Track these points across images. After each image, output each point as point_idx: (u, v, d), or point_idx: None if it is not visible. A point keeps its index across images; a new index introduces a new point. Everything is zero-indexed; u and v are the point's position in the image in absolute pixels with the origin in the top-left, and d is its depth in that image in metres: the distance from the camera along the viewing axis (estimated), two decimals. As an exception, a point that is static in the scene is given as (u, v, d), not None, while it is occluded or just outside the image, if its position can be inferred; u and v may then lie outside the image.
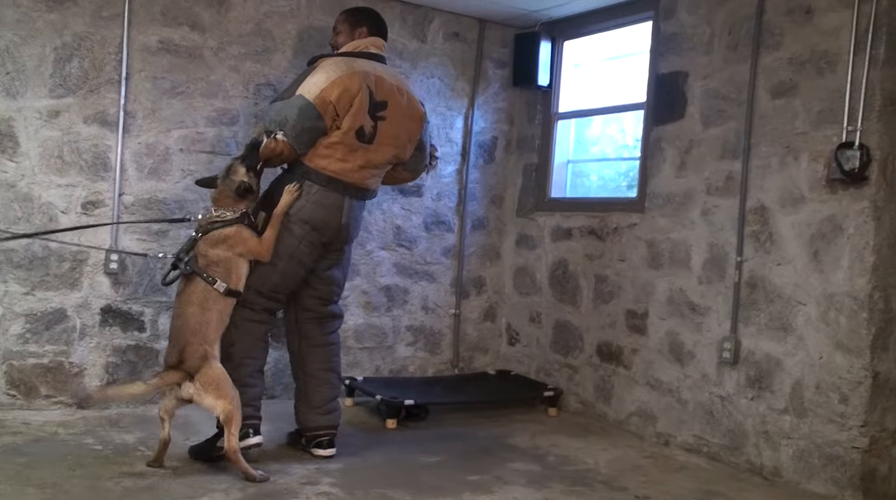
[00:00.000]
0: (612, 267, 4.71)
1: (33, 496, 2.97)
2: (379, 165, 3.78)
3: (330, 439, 3.77)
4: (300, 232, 3.64)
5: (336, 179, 3.65)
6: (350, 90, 3.57)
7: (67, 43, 4.14)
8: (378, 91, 3.68)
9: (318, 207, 3.64)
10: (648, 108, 4.56)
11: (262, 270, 3.60)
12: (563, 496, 3.39)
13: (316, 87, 3.54)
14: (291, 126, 3.51)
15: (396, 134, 3.77)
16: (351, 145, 3.63)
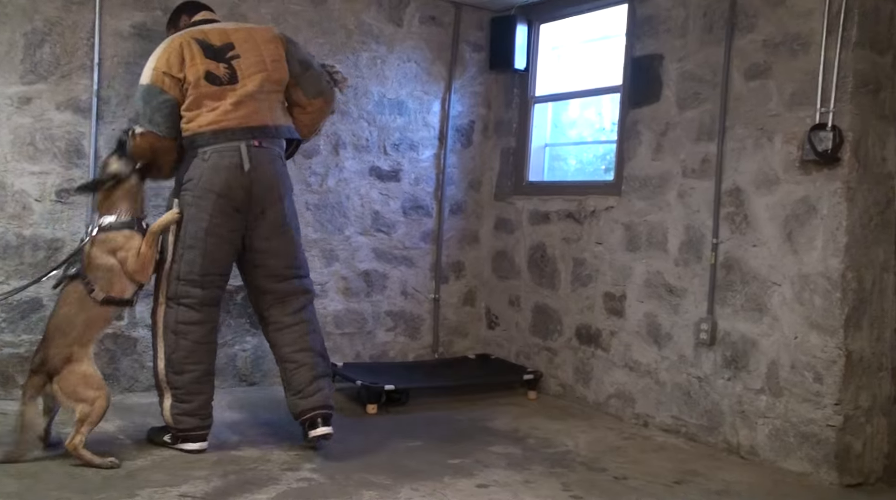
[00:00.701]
0: (589, 250, 4.73)
1: (12, 486, 2.95)
2: (255, 94, 3.53)
3: (323, 416, 3.59)
4: (207, 204, 3.46)
5: (219, 129, 3.46)
6: (174, 52, 3.46)
7: (38, 28, 4.08)
8: (214, 38, 3.55)
9: (215, 170, 3.45)
10: (625, 91, 4.57)
11: (187, 256, 3.47)
12: (543, 477, 3.42)
13: (149, 69, 3.47)
14: (143, 114, 3.47)
15: (257, 61, 3.57)
16: (210, 93, 3.48)
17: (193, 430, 3.51)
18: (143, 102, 3.46)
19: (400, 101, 5.16)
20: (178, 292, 3.50)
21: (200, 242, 3.48)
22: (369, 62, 5.02)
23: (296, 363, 3.64)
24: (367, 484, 3.21)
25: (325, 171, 4.93)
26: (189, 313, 3.51)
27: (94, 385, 3.29)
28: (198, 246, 3.48)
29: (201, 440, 3.54)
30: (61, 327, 3.29)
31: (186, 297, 3.50)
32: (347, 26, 4.92)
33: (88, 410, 3.24)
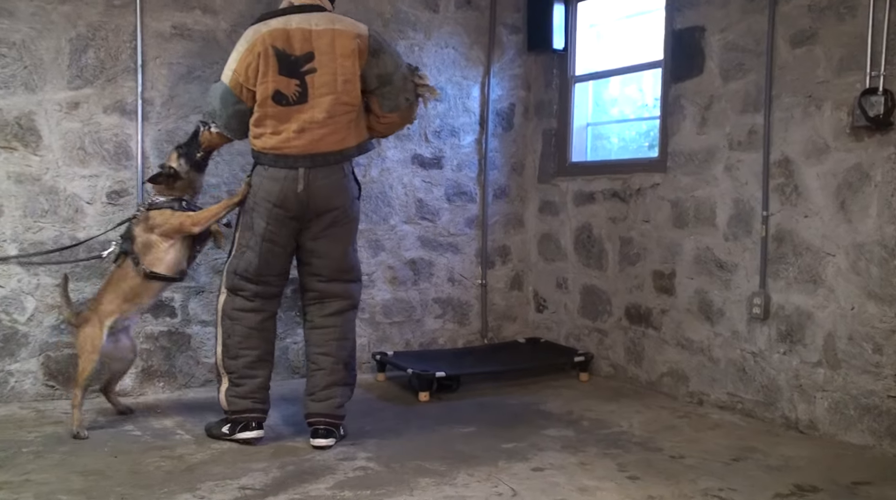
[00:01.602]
0: (636, 229, 4.68)
1: (78, 483, 3.03)
2: (323, 121, 3.47)
3: (326, 428, 3.59)
4: (265, 212, 3.53)
5: (280, 154, 3.48)
6: (252, 62, 3.42)
7: (82, 34, 4.15)
8: (296, 44, 3.43)
9: (272, 182, 3.50)
10: (666, 65, 4.50)
11: (246, 255, 3.57)
12: (598, 459, 3.40)
13: (229, 69, 3.49)
14: (220, 116, 3.58)
15: (330, 79, 3.45)
16: (275, 113, 3.45)
17: (245, 412, 3.57)
18: (221, 104, 3.53)
19: (439, 87, 5.11)
20: (235, 285, 3.61)
21: (257, 245, 3.57)
22: (407, 50, 5.01)
23: (316, 365, 3.67)
24: (422, 471, 3.23)
25: (368, 161, 4.95)
26: (244, 302, 3.61)
27: (88, 349, 3.67)
28: (254, 249, 3.57)
29: (257, 426, 3.59)
30: (97, 295, 3.78)
31: (242, 290, 3.61)
32: (384, 15, 4.92)
33: (79, 370, 3.68)
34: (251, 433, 3.57)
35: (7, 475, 3.09)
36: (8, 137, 4.04)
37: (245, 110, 3.52)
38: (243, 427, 3.57)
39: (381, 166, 4.99)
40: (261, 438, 3.59)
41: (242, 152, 4.57)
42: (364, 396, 4.45)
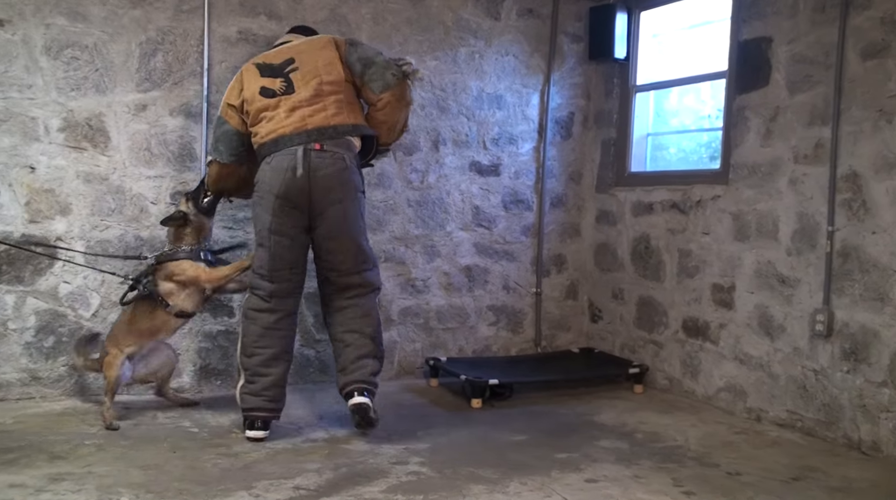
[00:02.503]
0: (696, 241, 4.62)
1: (137, 477, 3.09)
2: (311, 99, 3.66)
3: (359, 388, 3.69)
4: (269, 204, 3.63)
5: (277, 137, 3.64)
6: (235, 82, 3.80)
7: (151, 38, 4.26)
8: (273, 58, 3.79)
9: (274, 172, 3.61)
10: (731, 76, 4.43)
11: (258, 252, 3.73)
12: (653, 472, 3.36)
13: (224, 99, 3.84)
14: (211, 144, 3.85)
15: (311, 68, 3.71)
16: (265, 105, 3.69)
17: (255, 410, 3.66)
18: (213, 132, 3.86)
19: (499, 95, 5.15)
20: (253, 283, 3.76)
21: (266, 240, 3.69)
22: (467, 57, 5.02)
23: (343, 343, 3.79)
24: (475, 478, 3.23)
25: (426, 167, 4.97)
26: (259, 301, 3.73)
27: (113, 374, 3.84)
28: (265, 244, 3.70)
29: (262, 426, 3.66)
30: (113, 329, 3.97)
31: (258, 288, 3.74)
32: (445, 22, 4.94)
33: (107, 386, 3.83)
34: (255, 433, 3.65)
35: (70, 467, 3.17)
36: (78, 138, 4.16)
37: (229, 131, 3.78)
38: (249, 426, 3.67)
39: (438, 173, 5.01)
40: (263, 439, 3.64)
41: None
42: (416, 401, 4.47)
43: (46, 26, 4.05)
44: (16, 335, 4.10)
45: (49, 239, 4.12)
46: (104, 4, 4.14)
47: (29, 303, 4.11)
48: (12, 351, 4.10)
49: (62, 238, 4.13)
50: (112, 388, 3.82)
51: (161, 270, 3.91)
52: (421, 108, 4.91)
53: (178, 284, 3.89)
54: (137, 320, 3.91)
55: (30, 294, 4.11)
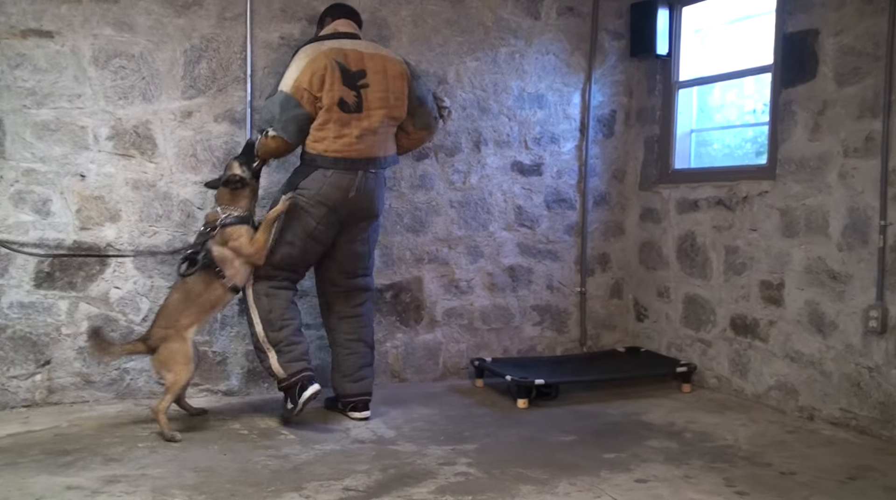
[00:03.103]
0: (743, 237, 4.55)
1: (190, 479, 3.14)
2: (376, 129, 3.94)
3: (364, 403, 4.08)
4: (318, 213, 3.90)
5: (341, 157, 3.88)
6: (317, 71, 3.82)
7: (196, 45, 4.31)
8: (352, 62, 3.90)
9: (334, 188, 3.89)
10: (776, 70, 4.36)
11: (283, 249, 3.91)
12: (703, 472, 3.32)
13: (290, 78, 3.84)
14: (278, 120, 3.83)
15: (383, 96, 3.94)
16: (340, 119, 3.86)
17: (301, 372, 3.86)
18: (281, 109, 3.84)
19: (540, 94, 5.13)
20: (268, 274, 3.94)
21: (301, 242, 3.94)
22: (508, 57, 5.02)
23: (349, 350, 4.12)
24: (523, 479, 3.22)
25: (468, 168, 4.97)
26: (278, 282, 3.97)
27: (181, 361, 3.75)
28: (298, 245, 3.93)
29: (314, 381, 3.86)
30: (168, 309, 3.83)
31: (276, 277, 3.96)
32: (485, 23, 4.94)
33: (172, 379, 3.73)
34: (312, 389, 3.81)
35: (125, 469, 3.22)
36: (126, 145, 4.23)
37: (303, 115, 3.85)
38: (302, 388, 3.81)
39: (480, 173, 5.01)
40: (320, 391, 3.85)
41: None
42: (462, 401, 4.47)
43: (94, 37, 4.13)
44: (69, 340, 4.18)
45: (100, 245, 4.20)
46: (149, 14, 4.21)
47: (81, 308, 4.19)
48: (66, 356, 4.18)
49: (112, 244, 4.19)
50: (179, 387, 3.74)
51: (217, 236, 3.85)
52: (462, 109, 4.91)
53: (233, 250, 3.83)
54: (195, 293, 3.82)
55: (82, 300, 4.19)
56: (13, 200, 4.05)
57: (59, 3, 4.06)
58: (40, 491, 2.96)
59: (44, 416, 3.97)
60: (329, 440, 3.68)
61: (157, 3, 4.22)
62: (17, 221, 4.06)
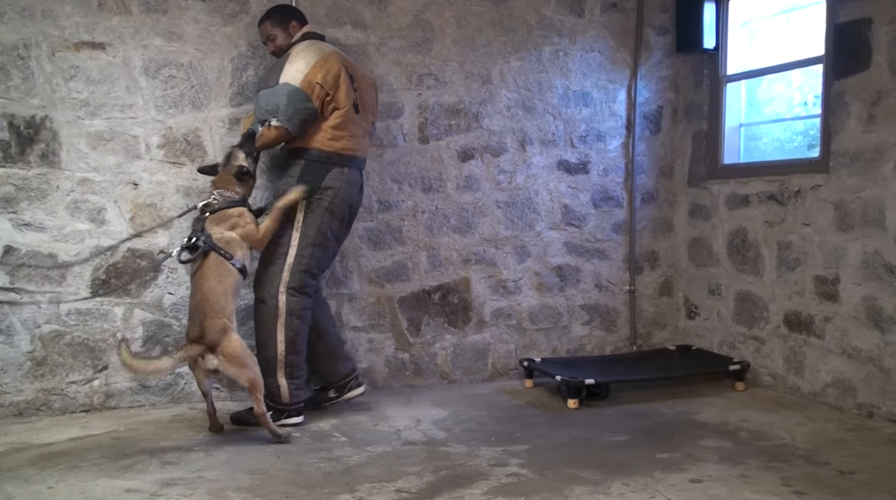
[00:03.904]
0: (795, 232, 4.47)
1: (245, 481, 3.18)
2: (366, 130, 4.18)
3: (358, 377, 4.26)
4: (341, 212, 4.02)
5: (354, 156, 4.04)
6: (332, 70, 3.89)
7: (243, 53, 4.37)
8: (351, 68, 4.05)
9: (351, 185, 4.03)
10: (828, 61, 4.27)
11: (316, 253, 3.95)
12: (760, 472, 3.26)
13: (299, 73, 3.83)
14: (283, 110, 3.81)
15: (370, 101, 4.20)
16: (353, 119, 4.00)
17: (301, 402, 3.97)
18: (288, 100, 3.82)
19: (584, 92, 5.10)
20: (303, 283, 3.95)
21: (329, 242, 4.03)
22: (552, 56, 4.99)
23: (332, 334, 4.25)
24: (576, 479, 3.20)
25: (514, 168, 4.96)
26: (307, 299, 3.99)
27: (249, 353, 3.67)
28: (327, 245, 4.02)
29: (301, 413, 3.98)
30: (209, 299, 3.62)
31: (308, 287, 3.98)
32: (528, 22, 4.92)
33: (253, 377, 3.63)
34: (298, 419, 3.95)
35: (181, 472, 3.28)
36: (177, 153, 4.30)
37: (311, 110, 3.87)
38: (296, 413, 3.95)
39: (526, 173, 4.99)
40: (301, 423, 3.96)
41: (392, 162, 4.68)
42: (512, 402, 4.46)
43: (144, 47, 4.21)
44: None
45: (153, 252, 4.27)
46: (197, 23, 4.28)
47: (136, 314, 4.27)
48: (122, 361, 4.26)
49: (164, 251, 4.27)
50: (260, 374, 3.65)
51: (216, 219, 3.74)
52: (507, 108, 4.91)
53: (243, 237, 3.74)
54: (217, 279, 3.65)
55: (136, 306, 4.27)
56: (69, 210, 4.14)
57: (111, 16, 4.14)
58: (101, 494, 3.03)
59: (102, 420, 4.05)
60: (380, 442, 3.70)
61: (205, 12, 4.29)
62: (74, 230, 4.15)
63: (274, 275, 3.91)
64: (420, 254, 4.79)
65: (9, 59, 4.01)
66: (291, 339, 3.91)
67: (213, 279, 3.65)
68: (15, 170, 4.05)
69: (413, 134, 4.74)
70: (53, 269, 4.12)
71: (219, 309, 3.61)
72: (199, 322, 3.60)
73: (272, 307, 3.89)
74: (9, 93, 4.02)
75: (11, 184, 4.04)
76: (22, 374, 4.10)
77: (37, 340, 4.12)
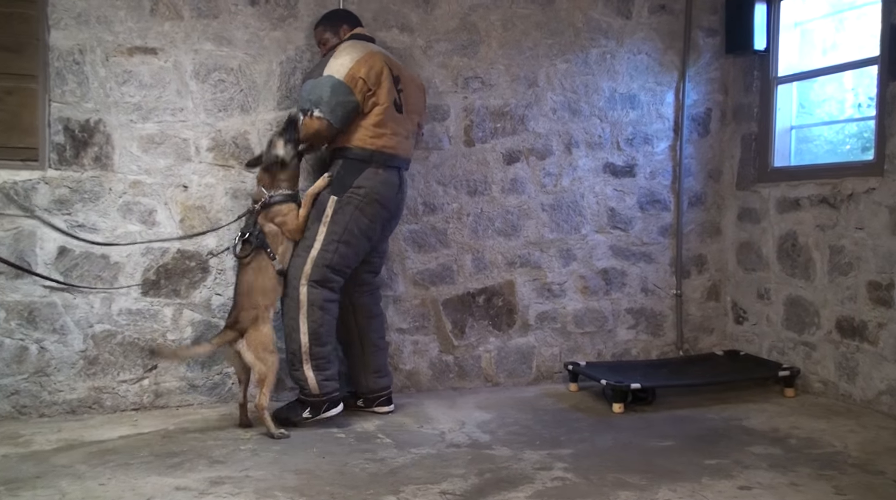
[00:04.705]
0: (848, 236, 4.38)
1: (291, 481, 3.20)
2: (410, 131, 4.13)
3: (390, 396, 4.27)
4: (372, 212, 3.97)
5: (395, 155, 4.01)
6: (375, 67, 3.89)
7: (291, 56, 4.42)
8: (393, 67, 4.01)
9: (385, 184, 3.99)
10: (883, 62, 4.18)
11: (341, 249, 3.91)
12: (811, 480, 3.20)
13: (343, 67, 3.85)
14: (326, 102, 3.82)
15: (416, 102, 4.17)
16: (394, 118, 3.98)
17: (335, 392, 3.96)
18: (331, 92, 3.84)
19: (632, 94, 5.06)
20: (325, 278, 3.93)
21: (356, 239, 3.97)
22: (598, 58, 4.96)
23: (377, 347, 4.26)
24: (622, 484, 3.17)
25: (559, 171, 4.94)
26: (331, 293, 3.97)
27: (271, 349, 3.80)
28: (353, 243, 3.96)
29: (341, 402, 4.01)
30: (246, 292, 3.83)
31: (331, 282, 3.96)
32: (575, 24, 4.90)
33: (265, 370, 3.76)
34: (338, 409, 3.97)
35: (229, 471, 3.32)
36: (226, 156, 4.36)
37: (353, 103, 3.87)
38: (329, 406, 3.94)
39: (572, 176, 4.96)
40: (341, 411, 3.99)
41: (437, 164, 4.70)
42: (556, 406, 4.44)
43: (195, 52, 4.27)
44: (174, 346, 4.33)
45: (201, 253, 4.33)
46: (247, 28, 4.34)
47: (185, 315, 4.34)
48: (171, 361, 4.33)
49: (213, 252, 4.33)
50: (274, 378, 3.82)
51: (265, 214, 3.89)
52: (553, 111, 4.89)
53: (280, 226, 3.87)
54: (261, 277, 3.85)
55: (185, 306, 4.34)
56: (121, 212, 4.22)
57: (163, 21, 4.22)
58: (151, 491, 3.07)
59: (151, 419, 4.12)
60: (424, 444, 3.71)
61: (255, 17, 4.34)
62: (126, 232, 4.23)
63: (297, 267, 3.92)
64: (465, 256, 4.79)
65: (65, 64, 4.10)
66: (315, 330, 3.90)
67: (252, 272, 3.85)
68: (69, 172, 4.14)
69: (459, 137, 4.75)
70: (106, 269, 4.21)
71: (254, 301, 3.83)
72: (236, 311, 3.86)
73: (294, 299, 3.92)
74: (64, 97, 4.11)
75: (66, 186, 4.13)
76: (75, 372, 4.19)
77: (89, 339, 4.20)
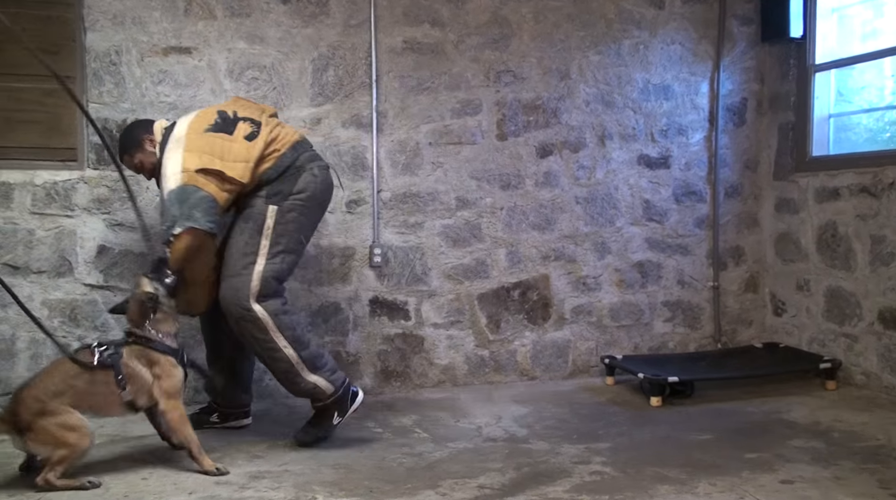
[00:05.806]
0: (890, 226, 4.30)
1: (329, 476, 3.22)
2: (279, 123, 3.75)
3: (248, 411, 3.99)
4: (314, 215, 3.71)
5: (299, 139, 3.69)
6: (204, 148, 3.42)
7: (323, 54, 4.44)
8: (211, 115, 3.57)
9: (325, 186, 3.68)
10: (923, 47, 4.11)
11: (287, 259, 3.54)
12: (854, 474, 3.15)
13: (175, 174, 3.37)
14: (179, 215, 3.32)
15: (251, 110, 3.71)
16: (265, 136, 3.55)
17: (346, 380, 3.64)
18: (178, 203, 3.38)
19: (665, 85, 5.01)
20: (275, 289, 3.51)
21: (301, 246, 3.67)
22: (631, 49, 4.92)
23: (250, 361, 3.94)
24: (661, 478, 3.14)
25: (593, 163, 4.91)
26: (284, 298, 3.58)
27: (69, 429, 3.04)
28: (298, 251, 3.65)
29: (355, 386, 3.74)
30: (37, 389, 3.08)
31: (281, 290, 3.57)
32: (607, 16, 4.87)
33: (64, 453, 3.03)
34: (360, 395, 3.70)
35: (268, 465, 3.34)
36: (260, 153, 4.39)
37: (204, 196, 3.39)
38: (353, 396, 3.66)
39: (606, 168, 4.93)
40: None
41: (470, 159, 4.69)
42: (593, 399, 4.41)
43: (228, 51, 4.31)
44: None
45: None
46: (279, 26, 4.36)
47: (222, 311, 4.37)
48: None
49: None
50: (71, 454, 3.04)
51: (139, 351, 3.23)
52: (586, 103, 4.86)
53: (164, 392, 3.22)
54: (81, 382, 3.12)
55: (223, 303, 4.37)
56: (159, 210, 4.26)
57: (197, 21, 4.25)
58: (192, 486, 3.11)
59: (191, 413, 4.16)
60: (461, 439, 3.71)
61: (286, 15, 4.37)
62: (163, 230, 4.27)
63: (241, 287, 3.45)
64: (499, 251, 4.78)
65: (101, 65, 4.16)
66: (294, 336, 3.50)
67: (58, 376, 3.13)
68: (108, 172, 4.19)
69: (491, 131, 4.73)
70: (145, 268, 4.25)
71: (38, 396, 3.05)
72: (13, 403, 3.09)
73: (252, 321, 3.45)
74: (102, 98, 4.17)
75: (104, 185, 4.19)
76: (115, 369, 4.23)
77: (129, 336, 4.25)
